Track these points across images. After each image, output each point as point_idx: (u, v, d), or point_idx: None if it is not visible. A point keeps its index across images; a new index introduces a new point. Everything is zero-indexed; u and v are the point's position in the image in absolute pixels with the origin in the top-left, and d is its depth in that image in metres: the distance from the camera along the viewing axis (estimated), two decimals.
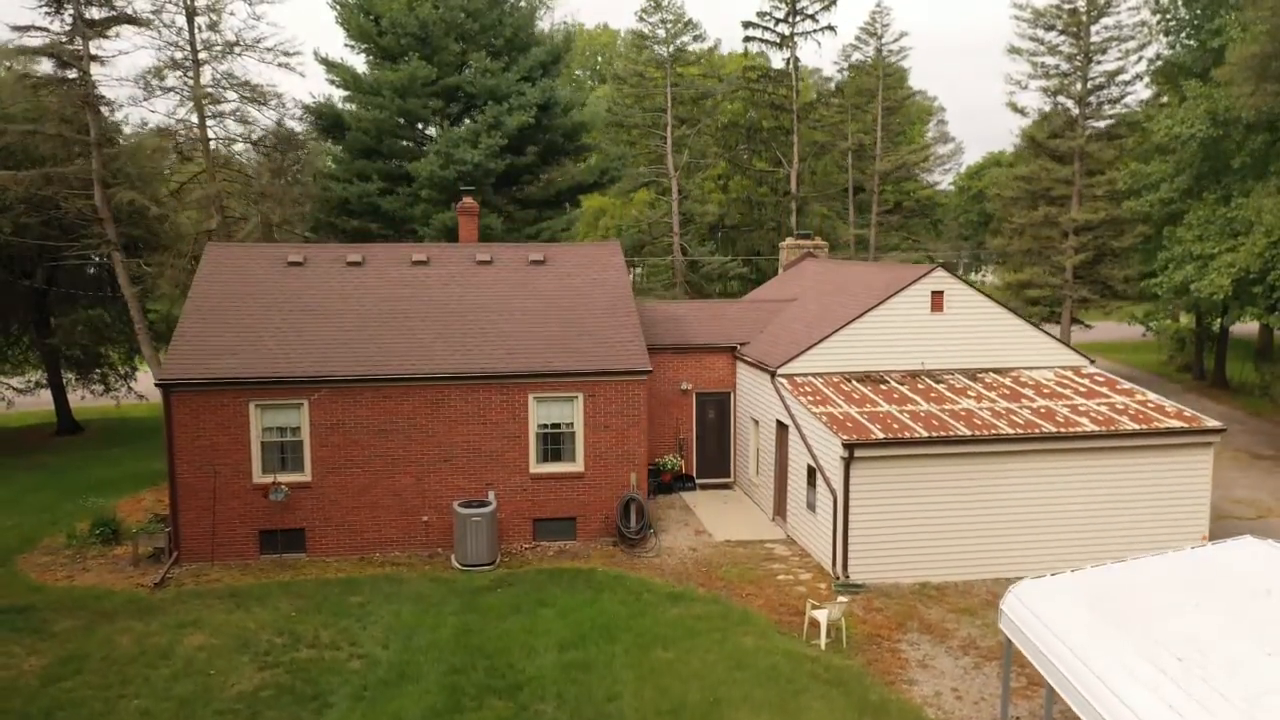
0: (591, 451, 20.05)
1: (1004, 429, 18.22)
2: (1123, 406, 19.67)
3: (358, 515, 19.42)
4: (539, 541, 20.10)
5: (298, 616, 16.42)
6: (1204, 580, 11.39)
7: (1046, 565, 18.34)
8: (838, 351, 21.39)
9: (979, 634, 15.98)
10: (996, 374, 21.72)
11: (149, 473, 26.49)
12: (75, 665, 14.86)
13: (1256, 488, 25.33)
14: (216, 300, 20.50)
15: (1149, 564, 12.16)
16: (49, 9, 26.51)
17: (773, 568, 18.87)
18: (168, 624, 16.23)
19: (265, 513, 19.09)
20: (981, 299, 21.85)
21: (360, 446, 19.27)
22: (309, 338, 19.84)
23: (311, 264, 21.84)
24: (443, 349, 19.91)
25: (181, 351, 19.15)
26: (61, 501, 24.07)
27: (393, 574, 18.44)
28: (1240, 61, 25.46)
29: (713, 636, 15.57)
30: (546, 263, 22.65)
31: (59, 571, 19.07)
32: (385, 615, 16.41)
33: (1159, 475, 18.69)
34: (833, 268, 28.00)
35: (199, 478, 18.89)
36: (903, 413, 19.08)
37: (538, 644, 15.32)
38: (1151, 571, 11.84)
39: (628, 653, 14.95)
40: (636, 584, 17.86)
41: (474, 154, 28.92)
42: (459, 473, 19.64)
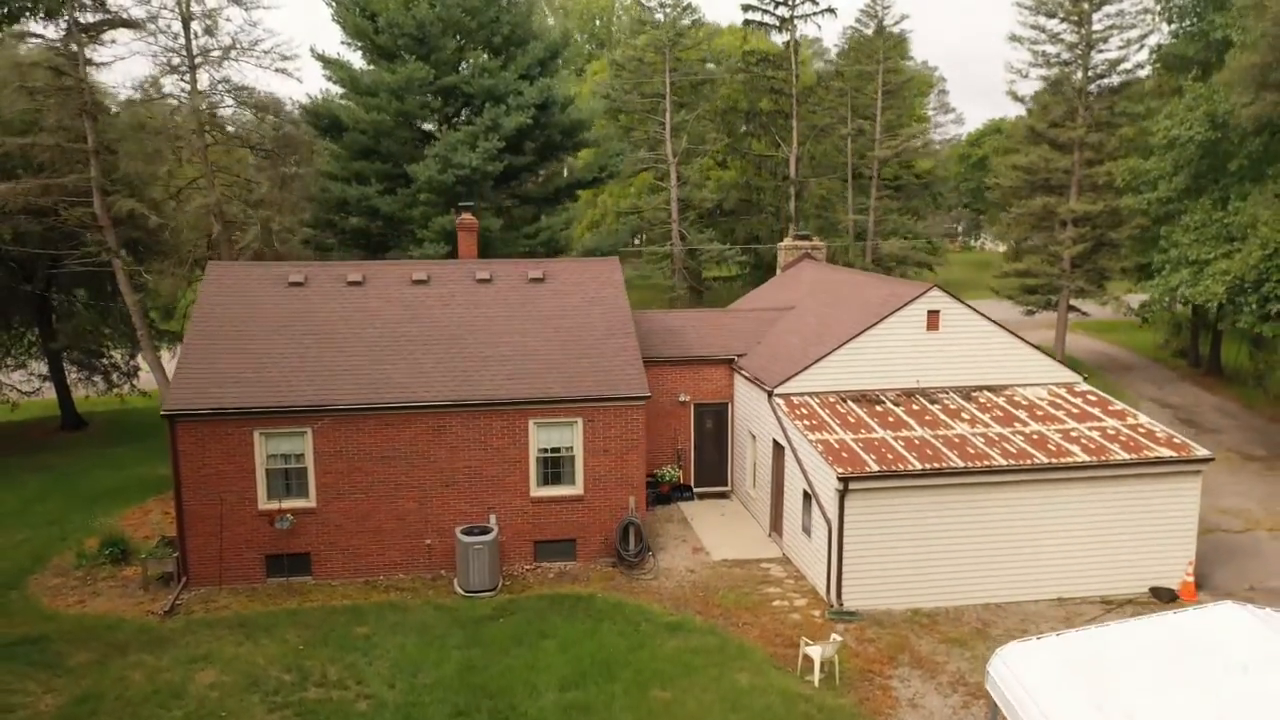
0: (591, 475, 20.40)
1: (996, 458, 18.55)
2: (1114, 432, 19.99)
3: (362, 539, 19.82)
4: (540, 563, 20.51)
5: (305, 650, 16.86)
6: (1183, 652, 11.77)
7: (1035, 589, 18.89)
8: (834, 371, 21.66)
9: (968, 668, 16.43)
10: (991, 392, 22.02)
11: (154, 479, 26.86)
12: (91, 705, 15.32)
13: (1246, 495, 25.73)
14: (219, 324, 20.71)
15: (1131, 630, 12.54)
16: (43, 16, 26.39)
17: (769, 592, 19.31)
18: (179, 659, 16.67)
19: (271, 538, 19.48)
20: (977, 318, 22.06)
21: (363, 473, 19.60)
22: (311, 364, 20.08)
23: (312, 283, 22.01)
24: (443, 375, 20.16)
25: (186, 379, 19.40)
26: (70, 512, 24.49)
27: (397, 601, 18.87)
28: (1239, 70, 25.41)
29: (709, 673, 16.02)
30: (546, 280, 22.83)
31: (70, 596, 19.51)
32: (391, 649, 16.85)
33: (1147, 502, 19.05)
34: (829, 274, 28.16)
35: (205, 505, 19.24)
36: (897, 439, 19.40)
37: (539, 681, 15.77)
38: (1134, 640, 12.21)
39: (627, 693, 15.40)
40: (635, 612, 18.29)
41: (472, 157, 28.92)
42: (461, 497, 20.00)
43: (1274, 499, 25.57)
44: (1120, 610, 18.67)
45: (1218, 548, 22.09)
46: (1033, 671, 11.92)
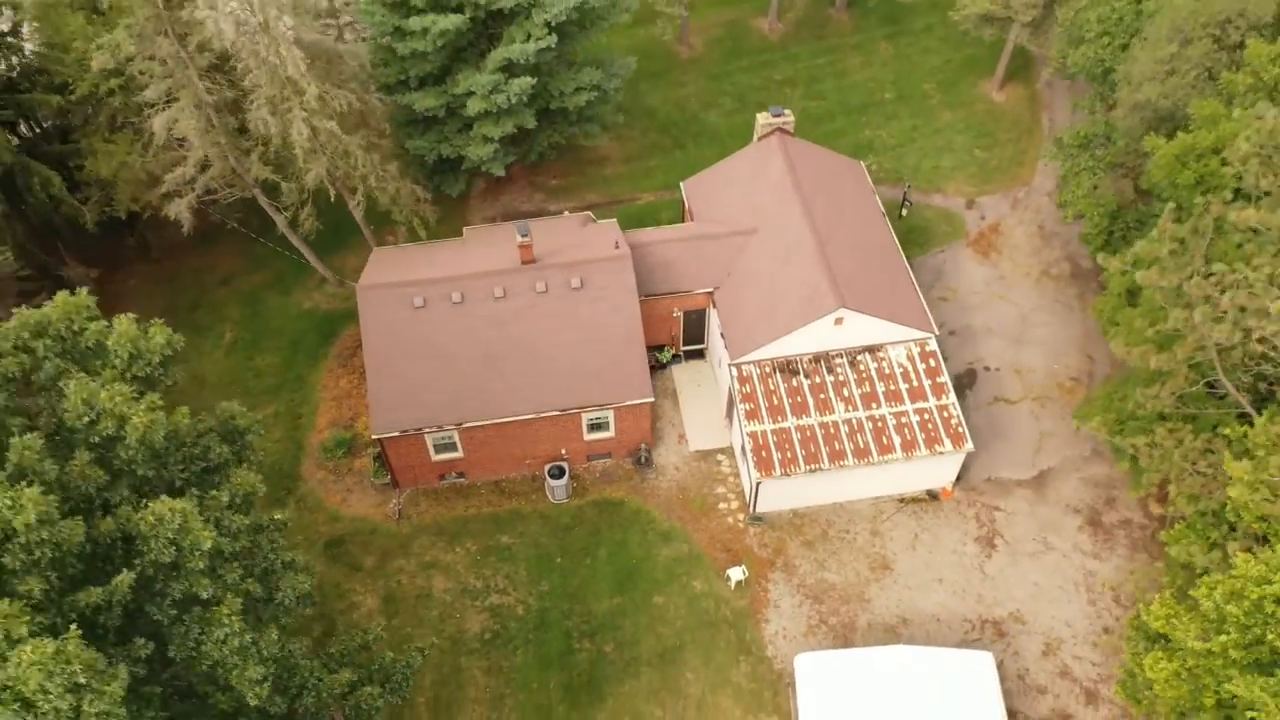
0: (618, 427, 34.64)
1: (849, 456, 32.84)
2: (929, 417, 33.60)
3: (489, 463, 35.03)
4: (590, 463, 35.90)
5: (480, 558, 33.65)
6: (908, 686, 28.60)
7: (861, 493, 34.50)
8: (770, 350, 34.15)
9: (811, 569, 33.37)
10: (869, 353, 34.70)
11: (322, 325, 40.13)
12: (393, 605, 32.83)
13: (1042, 344, 39.09)
14: (377, 355, 32.88)
15: (892, 656, 29.14)
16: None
17: (718, 492, 35.17)
18: (421, 564, 33.60)
19: (439, 466, 34.74)
20: (869, 319, 33.57)
21: (487, 440, 33.92)
22: (447, 385, 32.92)
23: (430, 305, 33.22)
24: (529, 389, 33.17)
25: (380, 407, 32.65)
26: (289, 371, 38.64)
27: (516, 508, 34.89)
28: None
29: (682, 580, 33.08)
30: (584, 287, 33.80)
31: (335, 491, 35.48)
32: (524, 558, 33.57)
33: (931, 460, 33.61)
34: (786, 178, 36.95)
35: (403, 460, 34.15)
36: (799, 429, 33.33)
37: (601, 588, 32.93)
38: (877, 664, 28.95)
39: (643, 600, 32.67)
40: (644, 519, 34.50)
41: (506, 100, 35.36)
42: (543, 443, 34.58)
43: (1067, 348, 38.92)
44: (906, 505, 34.76)
45: (992, 423, 36.98)
46: (819, 678, 28.97)
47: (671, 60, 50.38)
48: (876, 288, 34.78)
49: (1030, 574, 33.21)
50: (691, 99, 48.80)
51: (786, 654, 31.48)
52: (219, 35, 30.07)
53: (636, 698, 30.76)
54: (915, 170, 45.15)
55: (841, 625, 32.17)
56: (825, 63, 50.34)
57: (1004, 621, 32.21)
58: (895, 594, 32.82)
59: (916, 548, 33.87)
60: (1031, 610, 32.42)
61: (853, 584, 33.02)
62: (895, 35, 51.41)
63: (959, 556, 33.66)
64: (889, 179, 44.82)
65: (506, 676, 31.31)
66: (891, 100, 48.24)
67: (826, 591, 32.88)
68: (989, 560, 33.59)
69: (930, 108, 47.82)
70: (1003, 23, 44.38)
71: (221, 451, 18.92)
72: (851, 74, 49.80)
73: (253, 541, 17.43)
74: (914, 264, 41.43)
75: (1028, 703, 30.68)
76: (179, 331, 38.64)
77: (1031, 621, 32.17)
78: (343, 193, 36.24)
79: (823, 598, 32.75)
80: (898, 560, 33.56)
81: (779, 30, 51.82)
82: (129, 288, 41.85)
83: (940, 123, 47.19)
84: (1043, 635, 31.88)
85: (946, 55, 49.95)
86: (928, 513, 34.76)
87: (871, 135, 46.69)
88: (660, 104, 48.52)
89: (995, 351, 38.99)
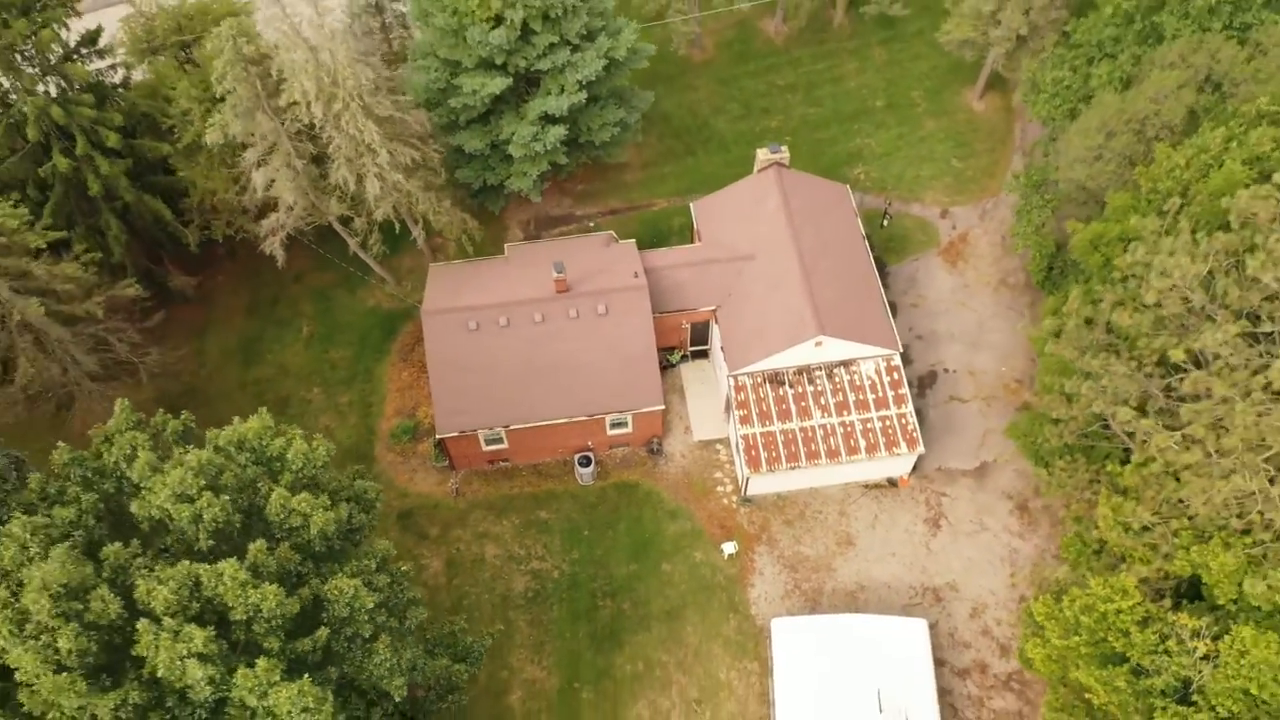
0: (635, 425, 42.26)
1: (823, 456, 40.44)
2: (889, 423, 41.00)
3: (529, 451, 42.78)
4: (612, 450, 43.61)
5: (523, 530, 41.77)
6: (858, 647, 37.02)
7: (834, 480, 42.38)
8: (761, 364, 41.36)
9: (789, 541, 41.46)
10: (843, 367, 41.93)
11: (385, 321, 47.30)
12: (455, 567, 41.18)
13: (996, 348, 46.13)
14: (440, 367, 40.29)
15: (848, 622, 37.44)
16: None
17: (716, 476, 43.00)
18: (475, 534, 41.79)
19: (488, 455, 42.53)
20: (844, 342, 40.63)
21: (529, 436, 41.61)
22: (496, 392, 40.38)
23: (483, 328, 40.41)
24: (561, 396, 40.63)
25: (443, 412, 40.20)
26: (358, 364, 46.06)
27: (552, 489, 42.79)
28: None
29: (685, 551, 41.26)
30: (608, 313, 40.85)
31: (403, 471, 43.38)
32: (558, 531, 41.68)
33: (891, 458, 41.24)
34: (779, 209, 43.27)
35: (459, 450, 41.92)
36: (783, 432, 40.86)
37: (620, 557, 41.15)
38: (837, 629, 37.30)
39: (654, 567, 40.91)
40: (656, 499, 42.43)
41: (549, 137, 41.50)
42: (575, 436, 42.27)
43: (1015, 352, 45.97)
44: (870, 490, 42.54)
45: (946, 419, 44.44)
46: (790, 639, 37.30)
47: (685, 63, 55.71)
48: (852, 312, 41.70)
49: (966, 550, 41.22)
50: (703, 104, 54.47)
51: (766, 614, 39.80)
52: (309, 113, 36.36)
53: (648, 646, 39.27)
54: (899, 179, 51.26)
55: (812, 590, 40.41)
56: (824, 68, 55.68)
57: (942, 589, 40.39)
58: (856, 565, 40.94)
59: (876, 526, 41.82)
60: (964, 580, 40.55)
61: (822, 556, 41.12)
62: (890, 40, 56.48)
63: (909, 534, 41.63)
64: (875, 187, 51.02)
65: (545, 627, 39.81)
66: (881, 108, 53.84)
67: (801, 562, 41.01)
68: (934, 538, 41.57)
69: (916, 116, 53.47)
70: (982, 46, 49.71)
71: (360, 519, 26.46)
72: (847, 80, 55.21)
73: (390, 588, 25.20)
74: (891, 272, 48.30)
75: (955, 654, 39.11)
76: (265, 325, 46.22)
77: (963, 590, 40.35)
78: (406, 222, 42.86)
79: (797, 567, 40.90)
80: (860, 537, 41.56)
81: (784, 33, 56.92)
82: (218, 284, 48.90)
83: (924, 131, 52.94)
84: (971, 601, 40.10)
85: (934, 61, 55.09)
86: (887, 497, 42.57)
87: (861, 144, 52.55)
88: (674, 109, 54.23)
89: (954, 355, 46.09)
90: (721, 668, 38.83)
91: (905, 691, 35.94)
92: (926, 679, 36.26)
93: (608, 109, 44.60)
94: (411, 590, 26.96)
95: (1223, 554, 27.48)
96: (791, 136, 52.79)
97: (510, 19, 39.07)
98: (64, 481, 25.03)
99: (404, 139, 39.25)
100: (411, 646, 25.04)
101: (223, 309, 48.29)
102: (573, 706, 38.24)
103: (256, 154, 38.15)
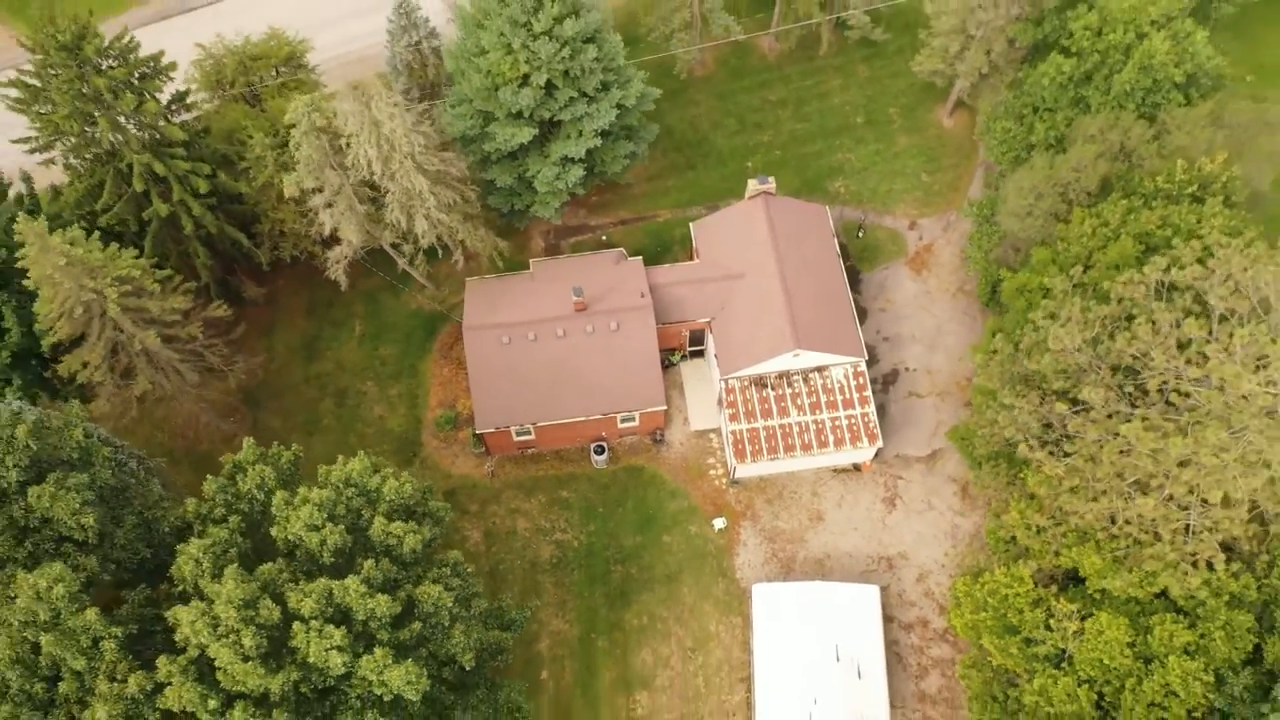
0: (641, 420, 50.36)
1: (798, 449, 48.61)
2: (853, 422, 49.03)
3: (554, 439, 50.99)
4: (623, 438, 51.81)
5: (549, 507, 50.26)
6: (822, 608, 45.70)
7: (810, 465, 50.77)
8: (748, 370, 49.23)
9: (769, 517, 49.97)
10: (817, 372, 49.78)
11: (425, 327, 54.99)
12: (491, 539, 49.82)
13: (950, 351, 53.88)
14: (479, 370, 48.24)
15: (813, 588, 46.10)
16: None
17: (709, 462, 51.29)
18: (509, 510, 50.31)
19: (518, 444, 50.77)
20: (822, 355, 48.37)
21: (554, 429, 49.74)
22: (525, 393, 48.42)
23: (514, 340, 48.25)
24: (581, 398, 48.63)
25: (482, 411, 48.31)
26: (404, 361, 53.95)
27: (571, 471, 51.11)
28: None
29: (683, 525, 49.82)
30: (619, 329, 48.59)
31: (446, 456, 51.68)
32: (577, 507, 50.19)
33: (856, 450, 49.38)
34: (766, 234, 50.48)
35: (495, 441, 50.14)
36: (765, 428, 48.95)
37: (628, 529, 49.72)
38: (809, 594, 45.94)
39: (657, 538, 49.52)
40: (659, 481, 50.78)
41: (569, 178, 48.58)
42: (592, 429, 50.41)
43: (966, 355, 53.66)
44: (838, 474, 50.84)
45: (905, 412, 52.48)
46: (767, 601, 46.01)
47: (688, 78, 62.05)
48: (825, 326, 49.35)
49: (916, 525, 49.68)
50: (702, 119, 61.11)
51: (749, 578, 48.49)
52: (370, 169, 43.56)
53: (651, 603, 48.08)
54: (874, 192, 58.27)
55: (787, 558, 49.02)
56: (812, 84, 62.10)
57: (894, 558, 48.97)
58: (824, 537, 49.47)
59: (841, 505, 50.23)
60: (913, 551, 49.10)
61: (796, 530, 49.63)
62: (871, 58, 62.66)
63: (869, 512, 50.07)
64: (854, 200, 58.08)
65: (567, 588, 48.58)
66: (862, 125, 60.47)
67: (778, 535, 49.55)
68: (889, 515, 50.00)
69: (892, 132, 60.15)
70: (950, 76, 56.20)
71: (435, 531, 34.70)
72: (832, 95, 61.70)
73: (460, 587, 33.50)
74: (864, 279, 55.79)
75: (902, 612, 47.86)
76: (323, 325, 54.09)
77: (912, 558, 48.92)
78: (448, 246, 50.26)
79: (775, 539, 49.45)
80: (828, 514, 49.99)
81: (777, 50, 63.15)
82: (280, 288, 56.43)
83: (899, 147, 59.70)
84: (918, 568, 48.71)
85: (911, 78, 61.14)
86: (852, 480, 50.88)
87: (842, 159, 59.40)
88: (677, 123, 60.87)
89: (915, 355, 53.87)
90: (711, 622, 47.68)
91: (859, 645, 44.76)
92: (876, 635, 45.05)
93: (619, 144, 51.50)
94: (475, 585, 35.31)
95: (1094, 555, 35.81)
96: (781, 151, 59.65)
97: (535, 81, 45.85)
98: (211, 504, 33.29)
99: (447, 183, 46.45)
100: (476, 628, 33.57)
101: (286, 310, 55.98)
102: (590, 653, 47.23)
103: (324, 199, 45.39)
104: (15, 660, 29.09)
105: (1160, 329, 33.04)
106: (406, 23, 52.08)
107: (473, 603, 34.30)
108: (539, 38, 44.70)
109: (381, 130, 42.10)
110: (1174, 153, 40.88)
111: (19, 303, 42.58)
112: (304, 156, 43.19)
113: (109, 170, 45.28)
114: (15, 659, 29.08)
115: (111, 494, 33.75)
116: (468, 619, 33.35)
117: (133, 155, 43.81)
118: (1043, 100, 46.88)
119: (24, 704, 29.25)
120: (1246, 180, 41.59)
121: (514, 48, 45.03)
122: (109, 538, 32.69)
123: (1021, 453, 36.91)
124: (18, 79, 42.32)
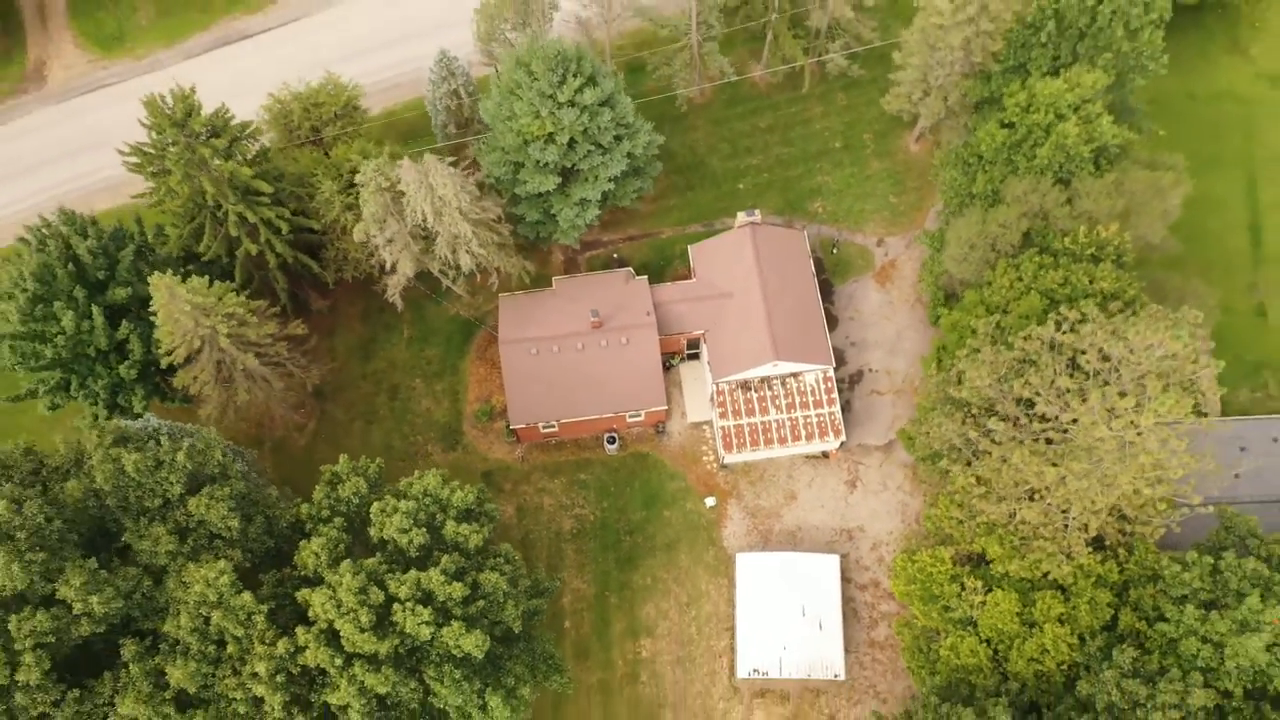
0: (646, 416, 60.62)
1: (775, 443, 58.95)
2: (821, 421, 59.24)
3: (573, 434, 61.32)
4: (631, 428, 62.14)
5: (571, 487, 60.86)
6: (792, 574, 56.56)
7: (785, 453, 61.44)
8: (735, 376, 59.30)
9: (751, 496, 60.58)
10: (793, 377, 59.86)
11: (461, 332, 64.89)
12: (522, 513, 60.56)
13: (911, 354, 63.81)
14: (514, 381, 58.36)
15: (786, 558, 56.96)
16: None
17: (702, 449, 61.73)
18: (536, 489, 60.94)
19: (544, 435, 61.14)
20: (797, 364, 58.36)
21: (572, 423, 60.02)
22: (550, 394, 58.61)
23: (541, 352, 58.27)
24: (596, 399, 58.83)
25: (515, 409, 58.56)
26: (446, 361, 64.03)
27: (587, 457, 61.52)
28: None
29: (680, 502, 60.49)
30: (628, 344, 58.55)
31: (484, 442, 62.08)
32: (593, 487, 60.79)
33: (821, 441, 59.71)
34: (751, 261, 60.03)
35: (525, 432, 60.46)
36: (749, 425, 59.23)
37: (635, 506, 60.40)
38: (782, 562, 56.80)
39: (659, 513, 60.22)
40: (660, 466, 61.29)
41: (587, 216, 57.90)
42: (605, 423, 60.68)
43: (920, 359, 63.60)
44: (809, 460, 61.30)
45: (867, 408, 62.71)
46: (748, 567, 56.84)
47: (688, 109, 70.74)
48: (800, 339, 59.28)
49: (873, 504, 60.30)
50: (700, 143, 70.05)
51: (734, 547, 59.30)
52: (423, 218, 53.08)
53: (655, 568, 59.02)
54: (848, 212, 67.56)
55: (766, 531, 59.76)
56: (797, 111, 70.84)
57: (854, 531, 59.71)
58: (797, 514, 60.14)
59: (812, 486, 60.78)
60: (870, 525, 59.79)
61: (773, 507, 60.28)
62: (849, 87, 71.17)
63: (835, 492, 60.64)
64: (830, 220, 67.40)
65: (585, 554, 59.48)
66: (839, 149, 69.42)
67: (759, 511, 60.20)
68: (851, 495, 60.58)
69: (865, 157, 69.14)
70: (914, 113, 65.03)
71: (489, 527, 45.21)
72: (814, 122, 70.52)
73: (512, 571, 44.07)
74: (836, 291, 65.50)
75: (859, 574, 58.78)
76: (376, 329, 64.39)
77: (868, 531, 59.64)
78: (486, 270, 59.92)
79: (756, 515, 60.13)
80: (800, 493, 60.59)
81: (767, 80, 71.71)
82: (339, 298, 66.12)
83: (870, 170, 68.78)
84: (873, 539, 59.47)
85: (883, 107, 70.14)
86: (821, 465, 61.34)
87: (821, 181, 68.49)
88: (678, 147, 69.79)
89: (878, 358, 63.84)
90: (703, 582, 58.67)
91: (821, 604, 55.77)
92: (835, 597, 56.03)
93: (629, 181, 60.76)
94: (521, 568, 45.94)
95: (998, 545, 46.42)
96: (768, 174, 68.77)
97: (559, 140, 55.02)
98: (319, 507, 43.85)
99: (486, 225, 55.99)
100: (523, 601, 44.32)
101: (344, 316, 65.85)
102: (604, 608, 58.34)
103: (384, 238, 54.99)
104: (194, 630, 39.85)
105: (1047, 378, 43.06)
106: (446, 73, 60.90)
107: (519, 582, 44.98)
108: (563, 106, 53.75)
109: (436, 193, 51.51)
110: (1082, 215, 50.26)
111: (141, 330, 52.48)
112: (370, 212, 52.65)
113: (206, 215, 54.76)
114: (194, 629, 39.84)
115: (242, 499, 44.17)
116: (516, 595, 44.04)
117: (229, 205, 53.25)
118: (983, 156, 56.00)
119: (201, 660, 40.08)
120: (1141, 236, 51.08)
121: (541, 115, 54.07)
122: (245, 534, 43.25)
123: (943, 465, 47.24)
124: (136, 147, 51.59)
